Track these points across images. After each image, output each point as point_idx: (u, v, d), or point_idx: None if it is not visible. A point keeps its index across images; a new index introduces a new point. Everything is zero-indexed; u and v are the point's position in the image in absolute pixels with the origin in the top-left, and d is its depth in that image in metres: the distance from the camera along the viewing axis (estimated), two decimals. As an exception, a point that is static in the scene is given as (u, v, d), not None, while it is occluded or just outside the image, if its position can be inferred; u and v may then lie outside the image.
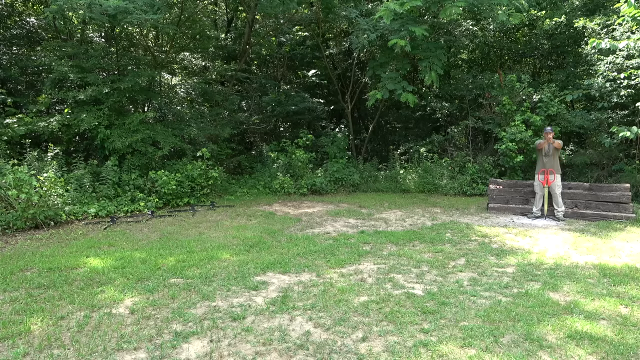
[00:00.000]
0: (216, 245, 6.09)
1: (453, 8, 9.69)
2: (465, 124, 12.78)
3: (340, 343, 3.27)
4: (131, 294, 4.22)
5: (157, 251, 5.76)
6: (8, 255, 5.60)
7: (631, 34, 9.42)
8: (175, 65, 13.17)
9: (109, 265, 5.10)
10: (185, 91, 13.44)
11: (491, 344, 3.22)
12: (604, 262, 5.27)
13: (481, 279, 4.68)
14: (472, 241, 6.35)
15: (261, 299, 4.14)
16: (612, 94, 10.23)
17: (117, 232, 7.01)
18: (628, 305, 3.95)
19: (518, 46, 14.22)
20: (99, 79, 9.66)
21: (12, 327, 3.50)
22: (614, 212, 7.89)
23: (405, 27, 10.37)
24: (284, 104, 14.09)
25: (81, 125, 9.23)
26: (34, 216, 6.96)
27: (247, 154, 14.30)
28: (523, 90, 11.34)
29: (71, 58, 10.20)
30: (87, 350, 3.15)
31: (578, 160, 10.90)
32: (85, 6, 7.88)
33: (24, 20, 12.05)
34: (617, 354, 3.09)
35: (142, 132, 9.61)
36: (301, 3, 12.37)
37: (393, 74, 11.45)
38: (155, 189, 9.25)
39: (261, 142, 14.86)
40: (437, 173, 11.73)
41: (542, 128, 10.54)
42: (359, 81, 14.81)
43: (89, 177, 8.83)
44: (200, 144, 11.09)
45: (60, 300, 4.08)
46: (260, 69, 16.85)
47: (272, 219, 8.07)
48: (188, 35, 12.53)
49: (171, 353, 3.13)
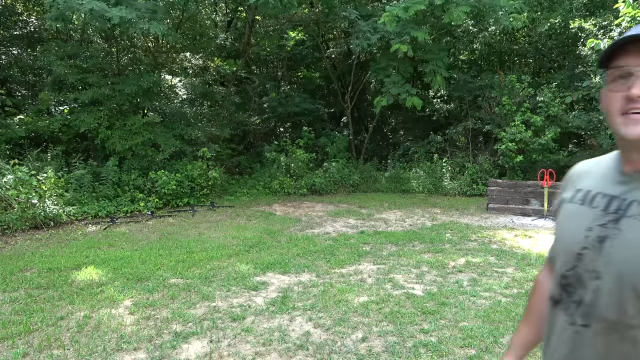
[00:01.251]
0: (216, 245, 6.08)
1: (458, 12, 9.66)
2: (465, 124, 12.79)
3: (340, 343, 3.27)
4: (131, 294, 4.22)
5: (157, 251, 5.76)
6: (8, 256, 5.60)
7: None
8: (175, 65, 13.17)
9: (108, 266, 5.09)
10: (185, 91, 13.45)
11: (491, 344, 3.22)
12: (603, 262, 5.26)
13: (481, 279, 4.68)
14: (472, 241, 6.35)
15: (261, 299, 4.14)
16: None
17: (117, 232, 7.01)
18: (628, 305, 3.95)
19: (518, 47, 14.23)
20: (101, 80, 9.65)
21: (12, 327, 3.50)
22: (613, 213, 7.89)
23: (407, 30, 10.34)
24: (284, 104, 14.10)
25: (81, 126, 9.23)
26: (33, 216, 6.95)
27: (247, 154, 14.31)
28: (523, 91, 11.35)
29: (71, 58, 10.20)
30: (86, 351, 3.14)
31: (577, 161, 10.77)
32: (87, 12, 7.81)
33: (24, 20, 12.05)
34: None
35: (143, 135, 9.61)
36: (301, 3, 12.37)
37: (396, 77, 11.43)
38: (155, 189, 9.25)
39: (261, 142, 14.85)
40: (437, 173, 11.73)
41: (541, 128, 10.55)
42: (359, 82, 14.81)
43: (88, 177, 8.83)
44: (200, 144, 11.09)
45: (60, 300, 4.08)
46: (260, 69, 16.85)
47: (272, 219, 8.07)
48: (188, 36, 12.54)
49: (171, 353, 3.13)
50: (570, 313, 0.96)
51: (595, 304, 0.91)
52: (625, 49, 0.88)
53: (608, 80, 0.91)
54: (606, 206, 0.94)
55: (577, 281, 0.95)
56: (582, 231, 0.96)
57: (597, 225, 0.93)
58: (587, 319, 0.92)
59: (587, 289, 0.92)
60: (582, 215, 0.98)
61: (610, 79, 0.91)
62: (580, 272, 0.94)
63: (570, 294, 0.96)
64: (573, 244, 0.97)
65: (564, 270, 0.98)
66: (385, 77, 11.64)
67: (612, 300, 0.88)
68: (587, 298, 0.92)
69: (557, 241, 1.06)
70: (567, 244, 0.99)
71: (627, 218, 0.89)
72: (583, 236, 0.95)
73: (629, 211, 0.89)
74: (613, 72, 0.90)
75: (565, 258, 0.99)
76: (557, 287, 1.01)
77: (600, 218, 0.94)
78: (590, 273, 0.92)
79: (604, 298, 0.89)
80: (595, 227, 0.93)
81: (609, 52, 0.90)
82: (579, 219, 0.98)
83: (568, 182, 1.11)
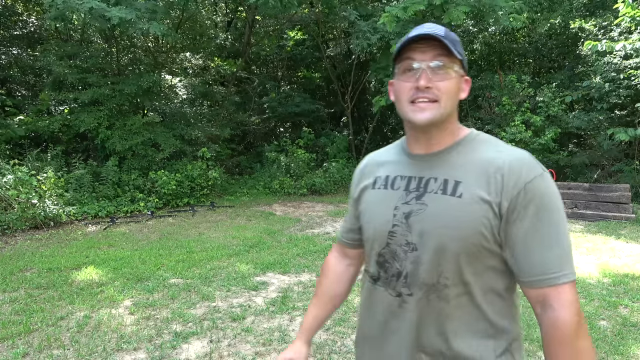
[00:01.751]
0: (216, 245, 6.09)
1: (457, 12, 9.66)
2: (465, 124, 12.78)
3: (340, 343, 3.27)
4: (131, 294, 4.22)
5: (157, 251, 5.76)
6: (8, 256, 5.60)
7: (629, 35, 9.43)
8: (175, 65, 13.17)
9: (108, 266, 5.10)
10: (185, 91, 13.45)
11: (491, 345, 3.21)
12: (603, 262, 5.27)
13: (481, 279, 4.68)
14: (472, 241, 6.35)
15: (261, 299, 4.14)
16: (611, 94, 10.24)
17: (117, 232, 7.01)
18: (628, 305, 3.95)
19: (518, 47, 14.24)
20: (100, 80, 9.65)
21: (12, 327, 3.50)
22: (613, 213, 7.89)
23: (407, 30, 10.33)
24: (284, 104, 14.10)
25: (81, 126, 9.23)
26: (33, 216, 6.95)
27: (247, 154, 14.31)
28: (523, 91, 11.35)
29: (71, 58, 10.20)
30: (86, 351, 3.14)
31: (577, 161, 10.90)
32: (88, 13, 7.81)
33: (24, 20, 12.05)
34: (617, 355, 3.09)
35: (143, 135, 9.61)
36: (301, 3, 12.36)
37: None
38: (155, 189, 9.25)
39: (261, 142, 14.86)
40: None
41: (542, 128, 10.55)
42: (359, 82, 14.82)
43: (88, 177, 8.83)
44: (200, 144, 11.10)
45: (60, 300, 4.08)
46: (260, 69, 16.86)
47: (271, 219, 8.08)
48: (188, 36, 12.54)
49: (171, 353, 3.13)
50: (393, 286, 1.06)
51: (416, 273, 1.01)
52: (411, 47, 1.00)
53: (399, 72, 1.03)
54: (407, 186, 1.06)
55: (392, 257, 1.05)
56: (390, 211, 1.06)
57: (402, 203, 1.05)
58: (410, 287, 1.02)
59: (405, 261, 1.03)
60: (387, 197, 1.09)
61: (400, 71, 1.02)
62: (394, 248, 1.05)
63: (387, 269, 1.07)
64: (383, 223, 1.07)
65: (380, 249, 1.08)
66: (385, 76, 11.64)
67: (431, 266, 0.99)
68: (408, 269, 1.03)
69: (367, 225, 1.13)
70: (378, 224, 1.08)
71: (428, 194, 1.02)
72: (391, 215, 1.06)
73: (429, 187, 1.02)
74: (402, 65, 1.01)
75: (378, 238, 1.08)
76: (374, 265, 1.10)
77: (404, 197, 1.05)
78: (405, 247, 1.03)
79: (424, 266, 1.00)
80: (401, 206, 1.05)
81: (399, 49, 1.01)
82: (385, 201, 1.08)
83: (363, 172, 1.21)
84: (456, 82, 1.01)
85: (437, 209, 0.99)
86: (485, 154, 1.01)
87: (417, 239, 1.00)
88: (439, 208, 0.99)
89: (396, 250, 1.04)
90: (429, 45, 0.98)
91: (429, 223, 0.99)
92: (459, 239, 0.96)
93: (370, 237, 1.11)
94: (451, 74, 0.99)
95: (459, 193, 0.98)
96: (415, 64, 0.98)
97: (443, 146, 1.05)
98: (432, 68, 0.97)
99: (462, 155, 1.03)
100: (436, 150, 1.05)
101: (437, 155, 1.05)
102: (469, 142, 1.06)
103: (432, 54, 0.98)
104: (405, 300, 1.03)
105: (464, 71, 1.04)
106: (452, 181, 1.00)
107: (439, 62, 0.97)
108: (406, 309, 1.03)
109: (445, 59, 0.98)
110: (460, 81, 1.03)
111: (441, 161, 1.04)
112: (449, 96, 0.99)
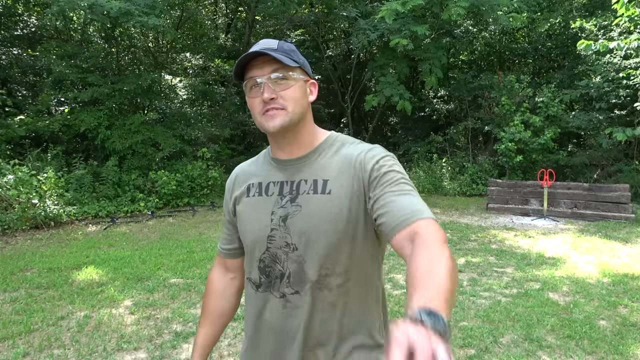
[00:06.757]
0: (216, 245, 6.08)
1: (456, 8, 9.68)
2: (465, 124, 12.79)
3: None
4: (131, 294, 4.22)
5: (157, 251, 5.77)
6: (8, 256, 5.60)
7: (629, 35, 9.43)
8: (175, 65, 13.18)
9: (109, 266, 5.10)
10: (185, 91, 13.46)
11: (491, 344, 3.22)
12: (603, 262, 5.28)
13: (481, 279, 4.69)
14: (472, 241, 6.36)
15: (261, 299, 4.14)
16: (610, 94, 10.24)
17: (117, 232, 7.01)
18: (627, 305, 3.96)
19: (517, 47, 14.24)
20: (101, 80, 9.66)
21: (12, 327, 3.51)
22: (613, 213, 7.90)
23: (407, 26, 10.35)
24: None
25: (81, 125, 9.24)
26: (34, 216, 6.96)
27: (247, 154, 14.30)
28: (522, 91, 11.36)
29: (71, 58, 10.21)
30: (87, 351, 3.15)
31: (577, 161, 10.91)
32: (87, 7, 7.86)
33: (24, 20, 12.05)
34: (617, 354, 3.10)
35: (143, 134, 9.62)
36: (301, 3, 12.38)
37: (392, 78, 11.42)
38: (155, 189, 9.25)
39: (261, 142, 14.85)
40: (437, 173, 11.73)
41: (541, 128, 10.55)
42: (359, 82, 14.82)
43: (89, 177, 8.84)
44: (200, 144, 11.10)
45: (60, 300, 4.09)
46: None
47: (272, 219, 8.08)
48: (188, 36, 12.54)
49: (171, 353, 3.13)
50: (277, 288, 1.09)
51: (300, 271, 1.06)
52: (250, 65, 1.05)
53: (247, 90, 1.08)
54: (280, 191, 1.11)
55: (273, 260, 1.09)
56: (267, 216, 1.10)
57: (277, 208, 1.10)
58: (295, 286, 1.07)
59: (287, 262, 1.07)
60: (262, 203, 1.13)
61: (248, 89, 1.07)
62: (274, 251, 1.09)
63: (269, 273, 1.10)
64: (262, 229, 1.11)
65: (260, 255, 1.12)
66: (381, 75, 11.63)
67: (313, 263, 1.05)
68: (291, 269, 1.07)
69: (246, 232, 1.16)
70: (257, 229, 1.12)
71: (301, 195, 1.08)
72: (269, 220, 1.10)
73: (300, 189, 1.08)
74: (247, 83, 1.07)
75: (258, 243, 1.12)
76: (256, 272, 1.13)
77: (279, 202, 1.10)
78: (285, 248, 1.07)
79: (307, 263, 1.05)
80: (277, 210, 1.09)
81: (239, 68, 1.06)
82: (262, 207, 1.12)
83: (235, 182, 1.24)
84: (299, 88, 1.07)
85: (312, 208, 1.06)
86: (346, 151, 1.10)
87: (297, 239, 1.06)
88: (313, 207, 1.06)
89: (277, 252, 1.09)
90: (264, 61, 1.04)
91: (306, 222, 1.05)
92: (335, 231, 1.03)
93: (250, 244, 1.15)
94: (291, 82, 1.05)
95: (328, 190, 1.06)
96: (258, 79, 1.04)
97: (306, 150, 1.12)
98: (272, 80, 1.03)
99: (326, 156, 1.11)
100: (301, 155, 1.12)
101: (302, 159, 1.12)
102: (331, 145, 1.13)
103: (270, 69, 1.04)
104: (289, 299, 1.08)
105: (307, 75, 1.10)
106: (321, 180, 1.08)
107: (277, 74, 1.04)
108: (291, 309, 1.08)
109: (282, 70, 1.04)
110: (305, 85, 1.09)
111: (308, 163, 1.11)
112: (295, 101, 1.06)
